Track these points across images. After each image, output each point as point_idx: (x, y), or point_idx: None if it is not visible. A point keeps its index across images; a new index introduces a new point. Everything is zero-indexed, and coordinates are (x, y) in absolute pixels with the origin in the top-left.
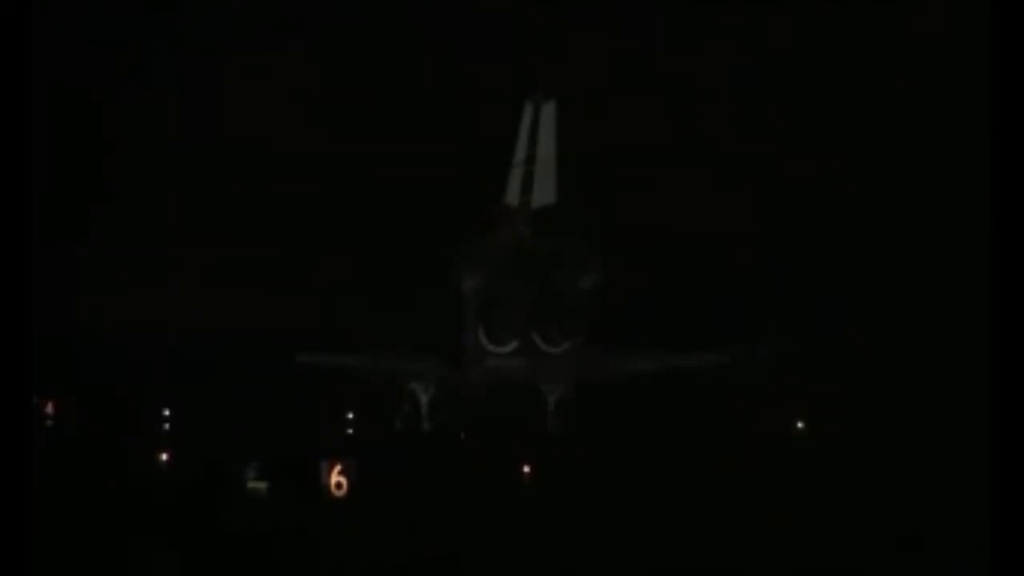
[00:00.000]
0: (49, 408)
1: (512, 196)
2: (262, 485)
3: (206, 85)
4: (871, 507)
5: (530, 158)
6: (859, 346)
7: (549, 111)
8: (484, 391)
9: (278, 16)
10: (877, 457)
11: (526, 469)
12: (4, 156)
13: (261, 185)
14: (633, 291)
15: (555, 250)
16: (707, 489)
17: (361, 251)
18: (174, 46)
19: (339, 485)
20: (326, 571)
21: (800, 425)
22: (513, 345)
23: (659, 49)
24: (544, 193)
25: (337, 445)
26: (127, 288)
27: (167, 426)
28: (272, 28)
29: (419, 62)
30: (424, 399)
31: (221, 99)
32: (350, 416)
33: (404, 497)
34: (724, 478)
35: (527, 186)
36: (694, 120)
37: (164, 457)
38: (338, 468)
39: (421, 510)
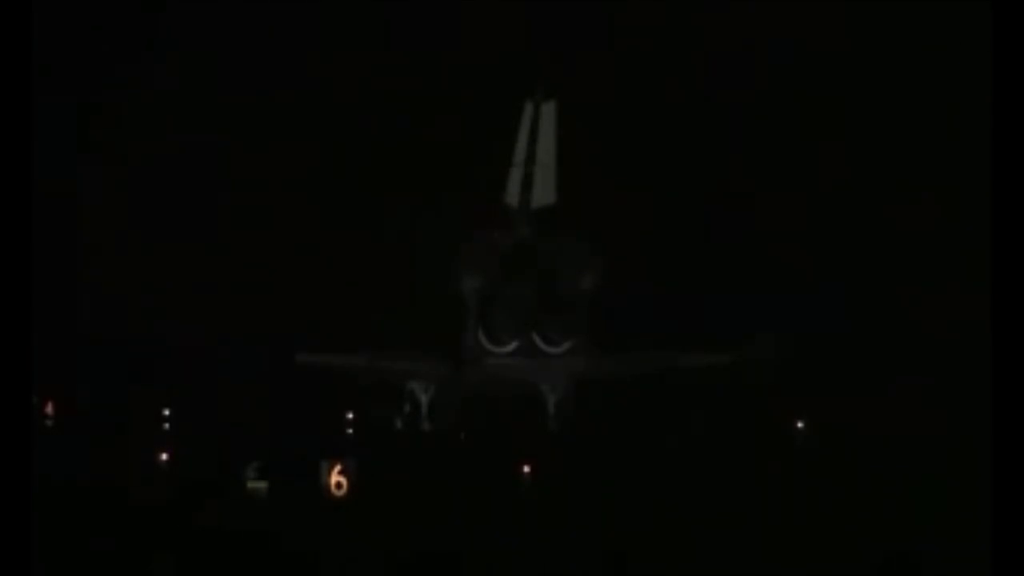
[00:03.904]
0: (49, 408)
1: (512, 196)
2: (262, 485)
3: (206, 83)
4: (871, 507)
5: (530, 158)
6: (859, 345)
7: (549, 111)
8: (484, 391)
9: (279, 14)
10: (877, 456)
11: (526, 469)
12: (4, 156)
13: (261, 185)
14: (633, 291)
15: (555, 250)
16: (707, 489)
17: (361, 251)
18: (174, 44)
19: (339, 485)
20: (326, 572)
21: (800, 425)
22: (513, 345)
23: (659, 49)
24: (544, 193)
25: (337, 445)
26: (127, 288)
27: (167, 426)
28: (273, 27)
29: (419, 62)
30: (424, 399)
31: (221, 98)
32: (350, 416)
33: (404, 497)
34: (724, 478)
35: (527, 186)
36: (694, 120)
37: (164, 457)
38: (338, 468)
39: (421, 510)
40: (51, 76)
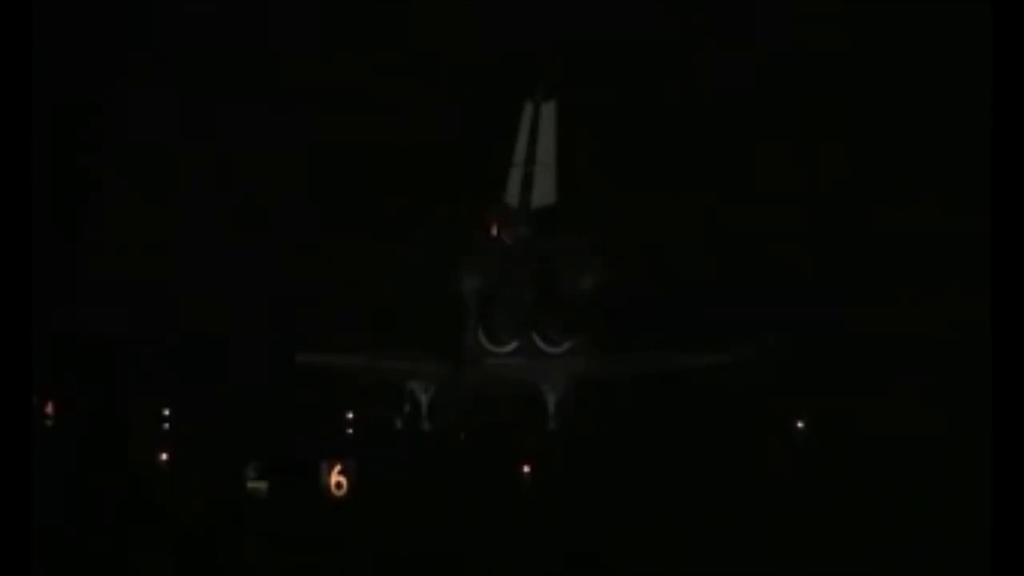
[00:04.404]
0: (49, 408)
1: (512, 196)
2: (262, 485)
3: (204, 82)
4: (871, 507)
5: (530, 158)
6: (859, 345)
7: (549, 111)
8: (484, 391)
9: (278, 13)
10: (877, 456)
11: (526, 469)
12: (4, 156)
13: (261, 185)
14: (633, 291)
15: (555, 250)
16: (707, 489)
17: (361, 251)
18: (172, 42)
19: (339, 485)
20: (326, 572)
21: (800, 425)
22: (513, 345)
23: (659, 49)
24: (544, 193)
25: (337, 445)
26: (127, 288)
27: (167, 426)
28: (272, 26)
29: (419, 62)
30: (424, 399)
31: (221, 97)
32: (350, 416)
33: (404, 497)
34: (724, 478)
35: (527, 186)
36: (694, 120)
37: (164, 457)
38: (338, 468)
39: (421, 510)
40: (51, 74)
